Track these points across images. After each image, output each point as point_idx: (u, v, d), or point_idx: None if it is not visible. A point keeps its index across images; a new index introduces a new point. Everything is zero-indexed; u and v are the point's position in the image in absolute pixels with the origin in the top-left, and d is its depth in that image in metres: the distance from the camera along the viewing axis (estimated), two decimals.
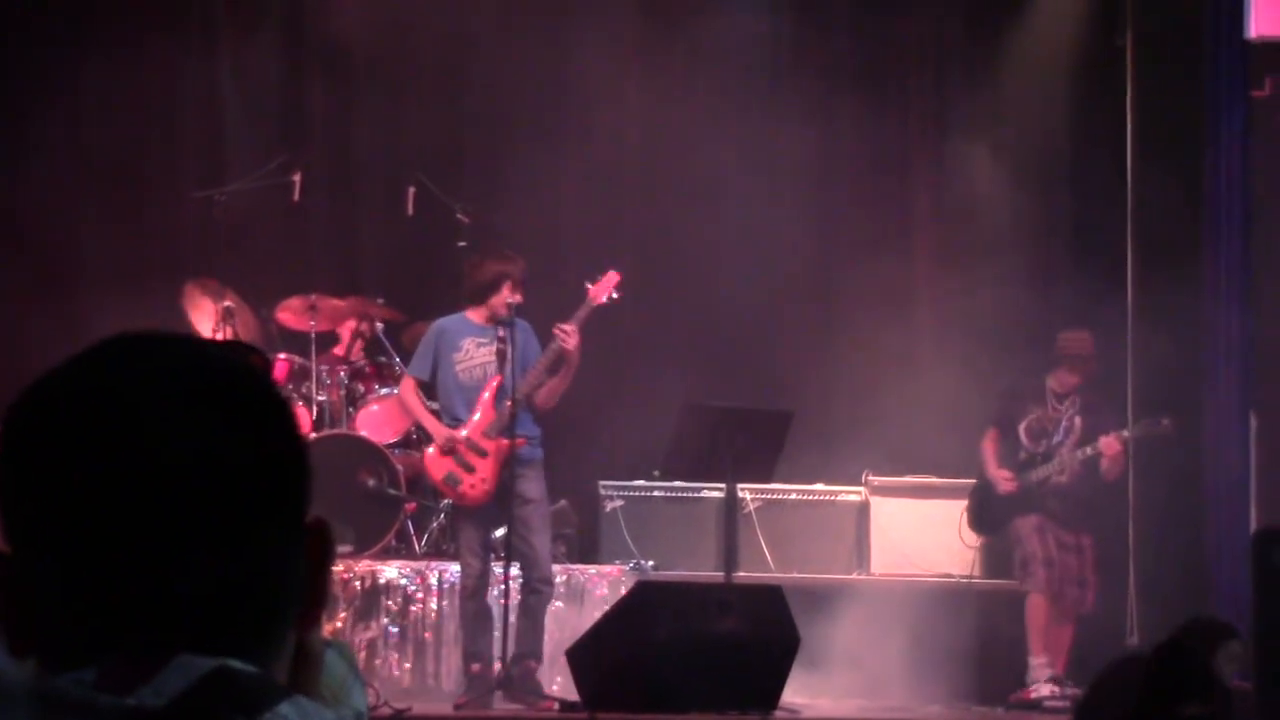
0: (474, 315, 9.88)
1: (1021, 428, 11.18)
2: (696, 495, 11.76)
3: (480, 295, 9.81)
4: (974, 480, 11.38)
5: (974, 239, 12.43)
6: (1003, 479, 11.12)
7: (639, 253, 12.59)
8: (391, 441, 11.02)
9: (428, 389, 10.12)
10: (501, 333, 9.70)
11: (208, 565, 1.37)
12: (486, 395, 9.78)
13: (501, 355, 9.69)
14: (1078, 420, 11.13)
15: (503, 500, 9.69)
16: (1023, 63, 12.70)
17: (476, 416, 9.80)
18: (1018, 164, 12.67)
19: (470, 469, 9.75)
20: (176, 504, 1.35)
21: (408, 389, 10.09)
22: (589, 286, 9.89)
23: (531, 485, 9.78)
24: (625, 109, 12.73)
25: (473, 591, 9.76)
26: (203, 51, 12.54)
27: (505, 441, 9.69)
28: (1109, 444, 10.97)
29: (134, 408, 1.37)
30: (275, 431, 1.41)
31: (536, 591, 9.72)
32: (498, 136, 12.63)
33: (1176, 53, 12.11)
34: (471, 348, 9.84)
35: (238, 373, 1.42)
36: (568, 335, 9.66)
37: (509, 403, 9.64)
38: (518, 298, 9.73)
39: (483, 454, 9.73)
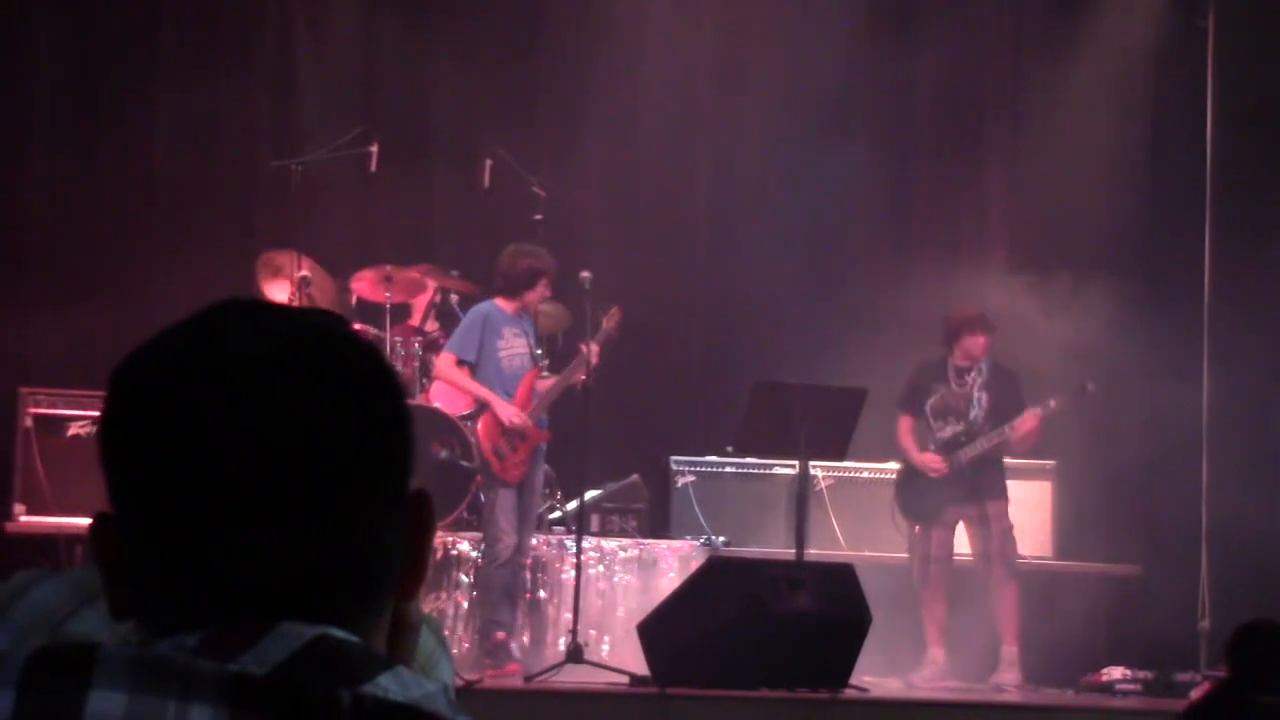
0: (505, 305, 10.16)
1: (928, 407, 11.04)
2: (768, 472, 11.74)
3: (515, 288, 10.11)
4: (900, 465, 11.22)
5: (1051, 223, 12.35)
6: (932, 465, 10.93)
7: (714, 226, 12.61)
8: (465, 414, 11.03)
9: None
10: (527, 327, 10.20)
11: (312, 535, 1.36)
12: (527, 384, 10.18)
13: (531, 349, 10.17)
14: (984, 396, 10.95)
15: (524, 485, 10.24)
16: (1102, 45, 12.59)
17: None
18: (1096, 147, 12.59)
19: (515, 449, 10.15)
20: (282, 474, 1.35)
21: (449, 363, 10.27)
22: (602, 319, 10.33)
23: (541, 475, 10.37)
24: (700, 77, 12.72)
25: (506, 560, 10.06)
26: (278, 21, 12.56)
27: (539, 431, 10.21)
28: (1025, 421, 10.81)
29: (239, 376, 1.36)
30: (382, 402, 1.40)
31: (518, 570, 10.18)
32: (574, 108, 12.63)
33: (1258, 33, 11.99)
34: (510, 337, 10.18)
35: (345, 342, 1.40)
36: (590, 356, 10.11)
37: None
38: (549, 293, 10.22)
39: (524, 438, 10.13)
